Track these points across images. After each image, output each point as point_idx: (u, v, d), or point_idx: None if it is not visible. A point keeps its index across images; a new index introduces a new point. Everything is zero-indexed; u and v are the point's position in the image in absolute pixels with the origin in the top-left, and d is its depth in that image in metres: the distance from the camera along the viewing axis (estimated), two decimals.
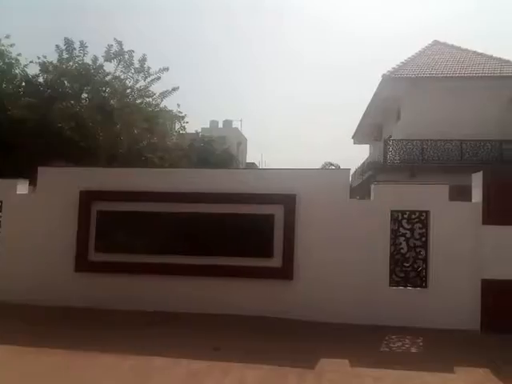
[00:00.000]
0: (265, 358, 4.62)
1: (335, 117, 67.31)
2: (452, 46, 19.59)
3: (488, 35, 62.99)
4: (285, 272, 6.49)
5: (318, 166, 23.18)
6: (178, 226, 6.76)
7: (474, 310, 6.24)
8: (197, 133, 22.32)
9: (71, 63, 11.95)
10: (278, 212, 6.63)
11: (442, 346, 5.51)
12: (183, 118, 13.97)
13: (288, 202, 6.59)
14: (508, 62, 17.45)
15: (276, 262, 6.56)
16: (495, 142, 14.98)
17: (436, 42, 20.15)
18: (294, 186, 6.63)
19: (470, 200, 6.66)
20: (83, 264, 6.79)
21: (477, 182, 6.54)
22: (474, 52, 18.72)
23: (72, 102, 11.27)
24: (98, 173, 7.39)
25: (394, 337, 5.70)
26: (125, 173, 7.37)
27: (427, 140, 15.48)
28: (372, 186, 6.79)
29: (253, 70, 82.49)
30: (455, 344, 5.60)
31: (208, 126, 36.44)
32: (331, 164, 20.13)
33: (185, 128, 14.64)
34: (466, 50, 18.94)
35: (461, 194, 6.85)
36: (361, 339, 5.59)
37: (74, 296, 6.74)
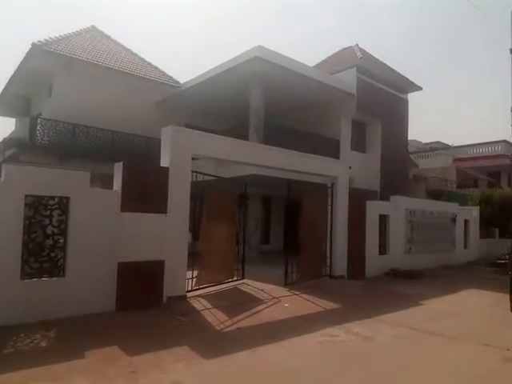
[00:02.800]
0: None
1: None
2: (109, 38, 20.05)
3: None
4: None
5: None
6: None
7: (111, 292, 6.58)
8: None
9: None
10: None
11: (76, 333, 5.46)
12: None
13: None
14: (157, 68, 19.86)
15: None
16: (143, 138, 16.62)
17: (94, 28, 20.02)
18: None
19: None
20: None
21: (118, 171, 6.90)
22: (129, 50, 20.03)
23: None
24: None
25: (22, 335, 5.14)
26: None
27: (80, 125, 15.15)
28: (3, 166, 5.77)
29: None
30: (90, 328, 5.68)
31: None
32: None
33: None
34: (122, 46, 19.96)
35: (110, 181, 7.05)
36: None
37: None
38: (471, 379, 4.38)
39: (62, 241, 6.19)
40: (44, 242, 6.02)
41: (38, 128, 14.35)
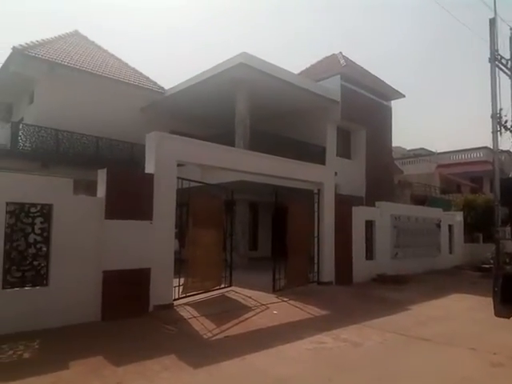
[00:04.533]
0: None
1: None
2: (93, 43, 19.86)
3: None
4: None
5: None
6: None
7: (97, 302, 6.43)
8: None
9: None
10: None
11: (60, 343, 5.31)
12: None
13: None
14: (141, 74, 19.76)
15: None
16: (128, 144, 16.45)
17: (76, 33, 19.81)
18: None
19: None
20: None
21: (102, 178, 6.78)
22: (113, 55, 19.89)
23: None
24: None
25: (5, 346, 4.97)
26: None
27: (63, 131, 14.91)
28: None
29: None
30: (74, 338, 5.53)
31: None
32: None
33: None
34: (106, 51, 19.81)
35: (95, 188, 6.92)
36: None
37: None
38: None
39: (44, 249, 6.03)
40: (26, 250, 5.86)
41: (20, 134, 14.08)
